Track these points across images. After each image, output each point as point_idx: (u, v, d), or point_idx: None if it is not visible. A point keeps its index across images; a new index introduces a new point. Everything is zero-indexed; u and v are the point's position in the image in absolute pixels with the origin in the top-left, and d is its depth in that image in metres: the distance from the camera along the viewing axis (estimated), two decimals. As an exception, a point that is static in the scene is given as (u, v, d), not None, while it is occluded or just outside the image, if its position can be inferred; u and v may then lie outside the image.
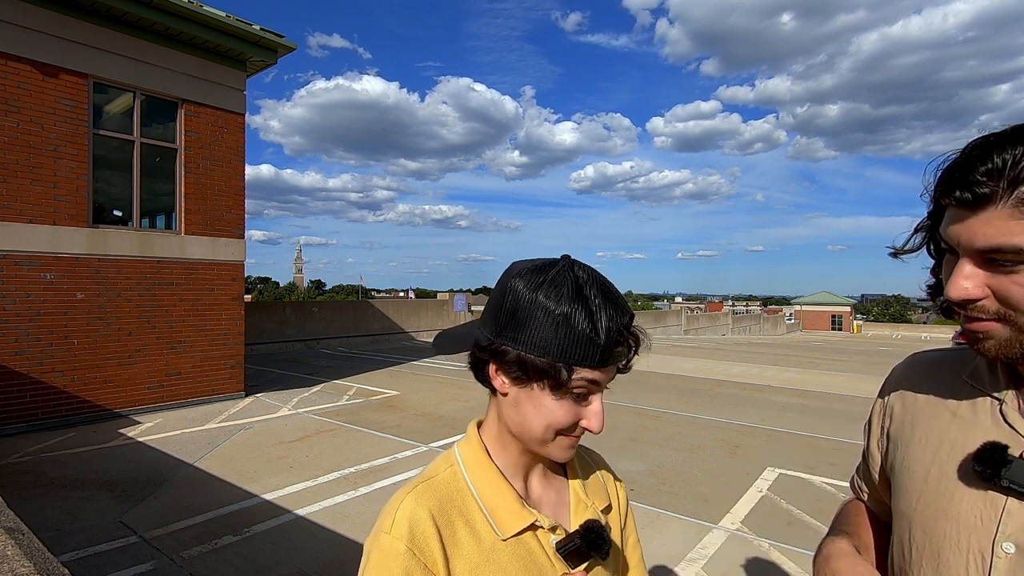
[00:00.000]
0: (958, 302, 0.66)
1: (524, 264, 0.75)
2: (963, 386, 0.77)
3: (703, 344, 22.20)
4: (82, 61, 6.84)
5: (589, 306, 0.69)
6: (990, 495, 0.68)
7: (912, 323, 63.44)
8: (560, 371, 0.70)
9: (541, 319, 0.70)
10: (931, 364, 0.85)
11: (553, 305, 0.69)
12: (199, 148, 7.91)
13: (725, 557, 3.69)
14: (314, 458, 5.58)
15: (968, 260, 0.64)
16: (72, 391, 6.76)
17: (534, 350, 0.70)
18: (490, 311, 0.76)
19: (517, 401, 0.74)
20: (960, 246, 0.65)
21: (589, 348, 0.69)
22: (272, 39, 8.19)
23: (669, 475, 5.35)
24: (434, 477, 0.78)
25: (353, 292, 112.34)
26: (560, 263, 0.73)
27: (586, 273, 0.72)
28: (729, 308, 60.09)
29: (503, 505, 0.77)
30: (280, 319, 14.87)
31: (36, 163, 6.51)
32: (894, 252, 0.77)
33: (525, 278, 0.72)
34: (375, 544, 0.72)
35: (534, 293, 0.70)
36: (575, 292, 0.70)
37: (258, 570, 3.41)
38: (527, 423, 0.74)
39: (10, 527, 1.95)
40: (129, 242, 7.26)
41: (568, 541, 0.76)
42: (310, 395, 8.65)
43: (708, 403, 8.84)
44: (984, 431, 0.71)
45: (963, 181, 0.62)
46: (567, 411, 0.73)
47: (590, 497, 0.86)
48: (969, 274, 0.64)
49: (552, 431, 0.73)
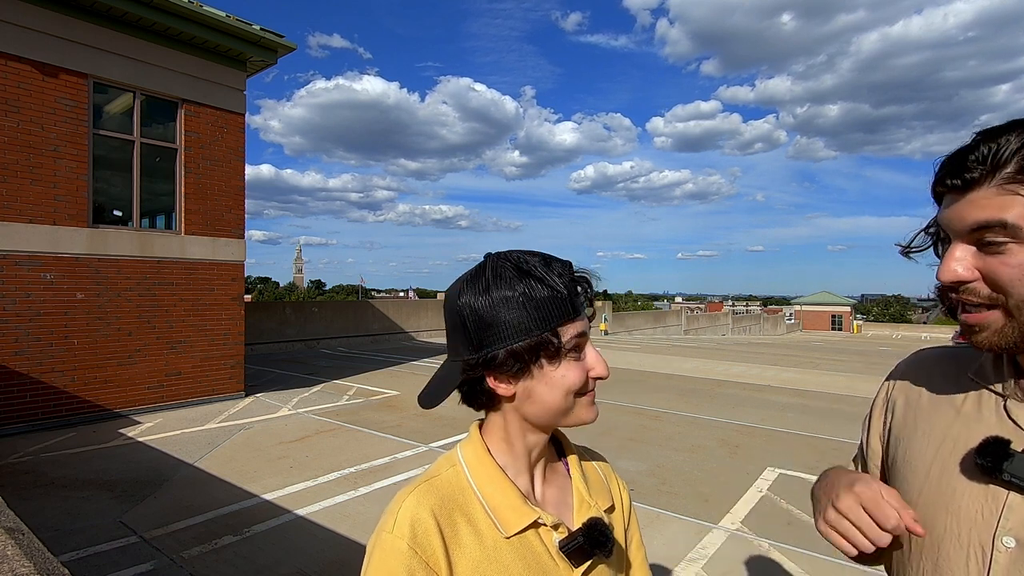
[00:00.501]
0: (949, 284, 0.67)
1: (458, 283, 0.77)
2: (967, 382, 0.77)
3: (703, 344, 22.19)
4: (82, 61, 6.84)
5: (535, 273, 0.73)
6: (991, 489, 0.68)
7: (912, 323, 63.45)
8: (548, 339, 0.72)
9: (505, 310, 0.72)
10: (935, 360, 0.85)
11: (508, 292, 0.72)
12: (199, 148, 7.90)
13: (725, 557, 3.69)
14: (314, 458, 5.58)
15: (959, 243, 0.67)
16: (72, 391, 6.76)
17: (517, 336, 0.72)
18: (457, 338, 0.77)
19: (528, 392, 0.76)
20: (951, 230, 0.68)
21: (558, 304, 0.73)
22: (272, 39, 8.19)
23: (669, 475, 5.35)
24: (436, 477, 0.79)
25: (353, 292, 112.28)
26: (488, 261, 0.76)
27: (514, 255, 0.75)
28: (729, 308, 60.11)
29: (506, 503, 0.77)
30: (280, 319, 14.87)
31: (36, 163, 6.51)
32: (904, 249, 0.78)
33: (469, 291, 0.74)
34: (377, 543, 0.72)
35: (486, 295, 0.73)
36: (517, 272, 0.73)
37: (258, 570, 3.41)
38: (547, 403, 0.76)
39: (10, 527, 1.95)
40: (129, 242, 7.26)
41: (571, 539, 0.77)
42: (310, 395, 8.65)
43: (708, 403, 8.84)
44: (987, 426, 0.71)
45: (953, 169, 0.66)
46: (574, 370, 0.75)
47: (593, 497, 0.86)
48: (959, 256, 0.66)
49: (571, 396, 0.76)
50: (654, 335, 27.76)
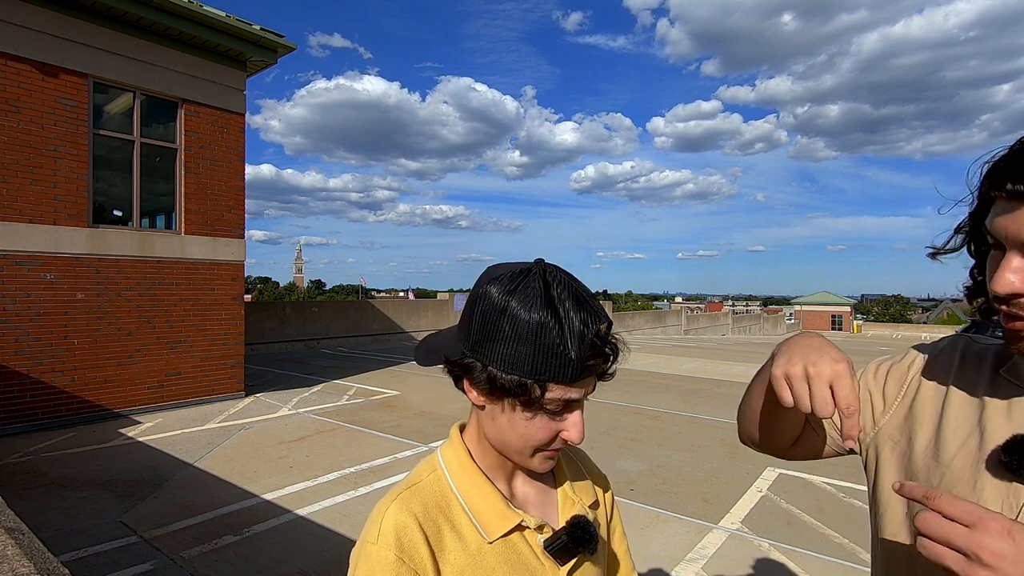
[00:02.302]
0: (1003, 296, 0.65)
1: (498, 270, 0.72)
2: (1000, 380, 0.77)
3: (703, 344, 22.19)
4: (82, 61, 6.84)
5: (560, 317, 0.65)
6: (1013, 487, 0.68)
7: (912, 323, 63.42)
8: (532, 389, 0.66)
9: (509, 333, 0.66)
10: (966, 351, 0.85)
11: (523, 316, 0.65)
12: (199, 148, 7.90)
13: (725, 557, 3.69)
14: (314, 458, 5.58)
15: (1017, 253, 0.63)
16: (72, 391, 6.76)
17: (503, 366, 0.67)
18: (463, 318, 0.73)
19: (493, 415, 0.73)
20: (1008, 239, 0.64)
21: (561, 363, 0.65)
22: (272, 39, 8.19)
23: (669, 475, 5.35)
24: (418, 483, 0.77)
25: (353, 292, 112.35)
26: (532, 270, 0.69)
27: (557, 280, 0.68)
28: (729, 308, 60.13)
29: (488, 507, 0.76)
30: (280, 319, 14.87)
31: (36, 163, 6.51)
32: (933, 252, 0.76)
33: (497, 286, 0.69)
34: (362, 554, 0.70)
35: (504, 303, 0.67)
36: (545, 302, 0.66)
37: (258, 570, 3.41)
38: (504, 437, 0.73)
39: (10, 527, 1.95)
40: (129, 242, 7.26)
41: (555, 538, 0.76)
42: (310, 395, 8.65)
43: (708, 403, 8.84)
44: (1015, 425, 0.71)
45: (1016, 173, 0.61)
46: (543, 427, 0.70)
47: (576, 493, 0.86)
48: (1017, 267, 0.63)
49: (530, 447, 0.72)
50: (654, 335, 27.76)
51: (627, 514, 4.33)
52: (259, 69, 8.73)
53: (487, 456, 0.79)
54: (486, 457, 0.79)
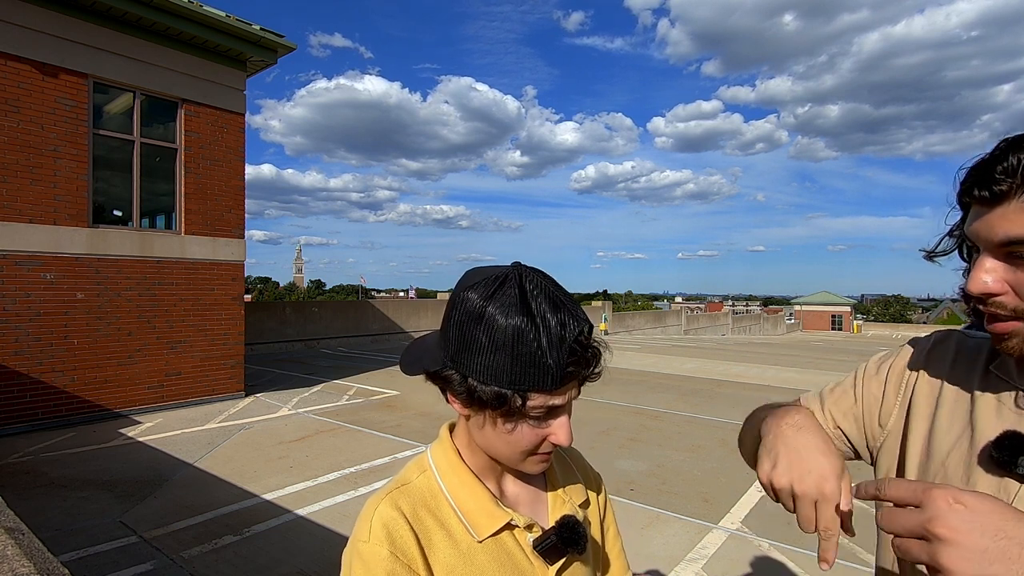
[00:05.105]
0: (977, 296, 0.67)
1: (476, 275, 0.70)
2: (990, 376, 0.78)
3: (703, 344, 22.19)
4: (82, 61, 6.84)
5: (538, 324, 0.63)
6: (1005, 482, 0.69)
7: (912, 323, 63.41)
8: (512, 399, 0.65)
9: (485, 343, 0.64)
10: (957, 348, 0.86)
11: (500, 324, 0.64)
12: (199, 148, 7.90)
13: (725, 557, 3.69)
14: (314, 458, 5.58)
15: (988, 255, 0.66)
16: (72, 391, 6.76)
17: (482, 377, 0.66)
18: (443, 326, 0.72)
19: (478, 424, 0.73)
20: (980, 241, 0.67)
21: (540, 371, 0.64)
22: (272, 39, 8.19)
23: (669, 475, 5.35)
24: (407, 484, 0.77)
25: (353, 292, 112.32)
26: (509, 275, 0.67)
27: (534, 286, 0.66)
28: (729, 308, 60.14)
29: (478, 507, 0.76)
30: (280, 319, 14.87)
31: (36, 163, 6.51)
32: (928, 254, 0.78)
33: (473, 292, 0.67)
34: (355, 554, 0.70)
35: (479, 311, 0.65)
36: (521, 310, 0.64)
37: (258, 570, 3.41)
38: (492, 445, 0.73)
39: (10, 527, 1.95)
40: (129, 242, 7.26)
41: (544, 538, 0.76)
42: (310, 395, 8.65)
43: (708, 403, 8.84)
44: (1006, 421, 0.72)
45: (982, 179, 0.65)
46: (529, 434, 0.70)
47: (567, 492, 0.86)
48: (989, 268, 0.66)
49: (519, 453, 0.72)
50: (654, 335, 27.76)
51: (627, 514, 4.33)
52: (259, 69, 8.73)
53: (477, 457, 0.79)
54: (476, 458, 0.79)
